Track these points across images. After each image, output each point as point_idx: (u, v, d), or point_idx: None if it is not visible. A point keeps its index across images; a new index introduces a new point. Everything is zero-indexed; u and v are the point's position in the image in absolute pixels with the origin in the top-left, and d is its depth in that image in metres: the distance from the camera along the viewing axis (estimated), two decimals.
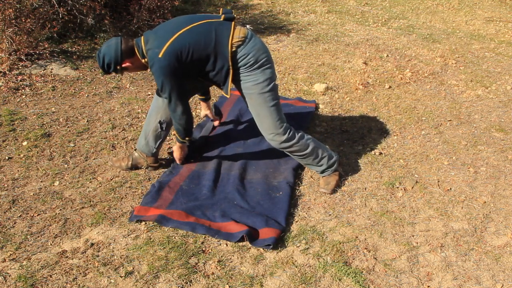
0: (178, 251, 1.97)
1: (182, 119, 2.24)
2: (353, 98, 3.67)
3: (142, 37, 2.13)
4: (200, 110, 3.27)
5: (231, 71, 2.11)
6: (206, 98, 2.83)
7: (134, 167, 2.50)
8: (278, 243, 2.06)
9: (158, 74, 2.06)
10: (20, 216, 2.13)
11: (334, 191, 2.45)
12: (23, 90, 3.29)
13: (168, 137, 2.88)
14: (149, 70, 2.19)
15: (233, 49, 2.07)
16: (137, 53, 2.14)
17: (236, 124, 3.06)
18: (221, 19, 2.11)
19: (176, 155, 2.51)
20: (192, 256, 1.96)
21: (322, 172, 2.47)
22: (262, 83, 2.15)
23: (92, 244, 1.98)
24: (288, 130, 2.28)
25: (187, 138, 2.36)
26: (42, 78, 3.49)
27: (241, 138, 2.90)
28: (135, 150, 2.51)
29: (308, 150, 2.35)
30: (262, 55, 2.13)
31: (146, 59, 2.14)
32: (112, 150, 2.70)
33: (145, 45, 2.10)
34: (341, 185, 2.53)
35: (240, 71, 2.14)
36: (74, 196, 2.29)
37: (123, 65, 2.15)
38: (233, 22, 2.11)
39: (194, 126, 3.01)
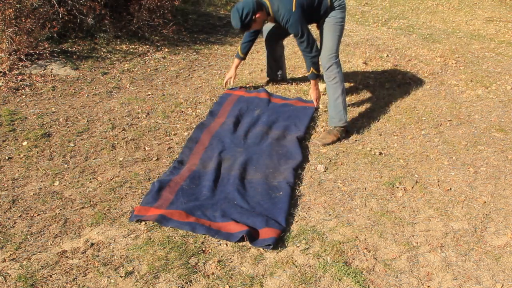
0: (178, 251, 1.97)
1: (316, 52, 3.03)
2: (353, 98, 3.67)
3: (265, 0, 2.89)
4: (199, 109, 3.27)
5: (328, 11, 2.98)
6: (245, 58, 3.50)
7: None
8: (278, 243, 2.06)
9: (297, 23, 2.88)
10: (20, 216, 2.13)
11: (325, 145, 2.92)
12: (23, 90, 3.29)
13: (167, 137, 2.88)
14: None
15: (330, 2, 2.95)
16: (264, 10, 2.90)
17: (236, 124, 3.06)
18: None
19: (316, 94, 3.28)
20: (192, 256, 1.96)
21: (331, 121, 3.02)
22: (339, 18, 3.00)
23: (92, 244, 1.98)
24: (339, 62, 3.03)
25: (319, 71, 3.12)
26: (42, 78, 3.49)
27: (241, 138, 2.90)
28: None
29: (342, 87, 3.02)
30: (342, 2, 3.00)
31: (271, 16, 2.95)
32: (112, 150, 2.70)
33: (271, 5, 2.88)
34: (341, 185, 2.53)
35: (331, 10, 2.99)
36: (74, 196, 2.29)
37: (257, 16, 2.87)
38: None
39: (196, 126, 3.02)
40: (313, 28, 3.13)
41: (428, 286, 1.90)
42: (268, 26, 3.43)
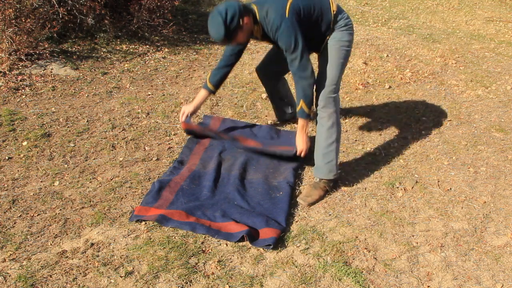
0: (178, 251, 1.97)
1: (312, 79, 2.30)
2: (353, 98, 3.67)
3: (253, 5, 2.25)
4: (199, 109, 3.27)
5: (330, 31, 2.38)
6: (215, 91, 2.79)
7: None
8: (278, 243, 2.06)
9: (289, 32, 2.19)
10: (20, 216, 2.13)
11: (311, 204, 2.35)
12: (23, 90, 3.29)
13: (167, 137, 2.88)
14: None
15: (335, 14, 2.35)
16: (251, 15, 2.23)
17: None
18: None
19: (303, 142, 2.41)
20: (192, 256, 1.96)
21: (320, 173, 2.42)
22: (345, 41, 2.39)
23: (92, 244, 1.98)
24: (338, 97, 2.43)
25: (312, 108, 2.38)
26: (42, 78, 3.49)
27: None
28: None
29: (338, 131, 2.41)
30: (349, 22, 2.41)
31: (258, 26, 2.27)
32: (112, 150, 2.70)
33: (259, 11, 2.23)
34: (336, 188, 2.53)
35: (334, 30, 2.39)
36: (74, 196, 2.29)
37: (244, 21, 2.17)
38: None
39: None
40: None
41: (428, 286, 1.90)
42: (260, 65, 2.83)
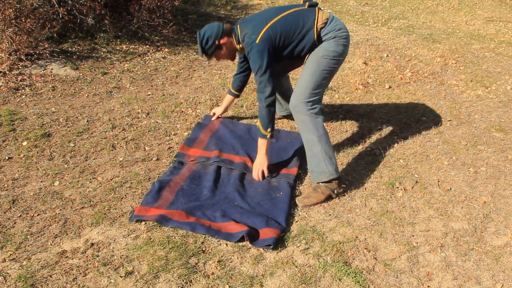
0: (178, 251, 1.97)
1: (269, 100, 2.36)
2: (353, 98, 3.67)
3: (237, 25, 2.43)
4: (199, 109, 3.27)
5: (314, 46, 2.41)
6: (238, 95, 2.99)
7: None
8: (278, 243, 2.06)
9: (256, 57, 2.31)
10: (20, 216, 2.13)
11: (306, 206, 2.32)
12: (23, 90, 3.29)
13: (167, 137, 2.88)
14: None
15: (318, 31, 2.36)
16: (234, 37, 2.44)
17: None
18: (306, 7, 2.42)
19: (260, 162, 2.48)
20: (192, 256, 1.96)
21: (313, 176, 2.39)
22: (330, 51, 2.37)
23: (92, 244, 1.98)
24: (315, 111, 2.36)
25: (269, 130, 2.43)
26: (42, 78, 3.49)
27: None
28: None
29: (318, 137, 2.34)
30: (341, 33, 2.39)
31: (241, 45, 2.44)
32: (112, 150, 2.70)
33: (241, 32, 2.40)
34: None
35: (321, 43, 2.41)
36: (74, 196, 2.29)
37: (221, 41, 2.40)
38: (316, 8, 2.41)
39: (195, 126, 3.01)
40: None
41: (428, 286, 1.90)
42: None
